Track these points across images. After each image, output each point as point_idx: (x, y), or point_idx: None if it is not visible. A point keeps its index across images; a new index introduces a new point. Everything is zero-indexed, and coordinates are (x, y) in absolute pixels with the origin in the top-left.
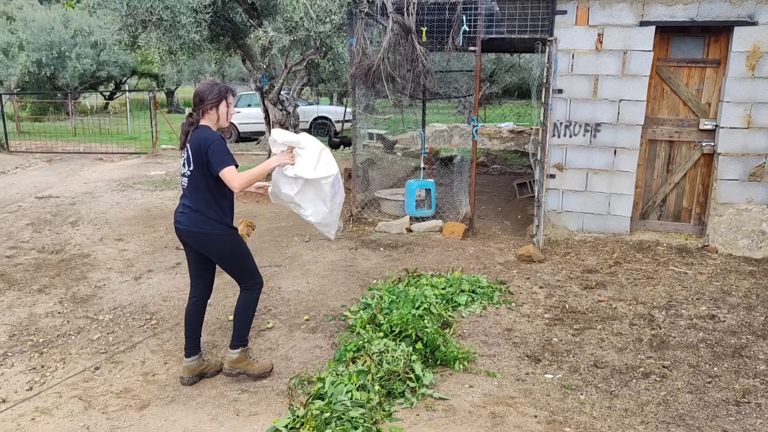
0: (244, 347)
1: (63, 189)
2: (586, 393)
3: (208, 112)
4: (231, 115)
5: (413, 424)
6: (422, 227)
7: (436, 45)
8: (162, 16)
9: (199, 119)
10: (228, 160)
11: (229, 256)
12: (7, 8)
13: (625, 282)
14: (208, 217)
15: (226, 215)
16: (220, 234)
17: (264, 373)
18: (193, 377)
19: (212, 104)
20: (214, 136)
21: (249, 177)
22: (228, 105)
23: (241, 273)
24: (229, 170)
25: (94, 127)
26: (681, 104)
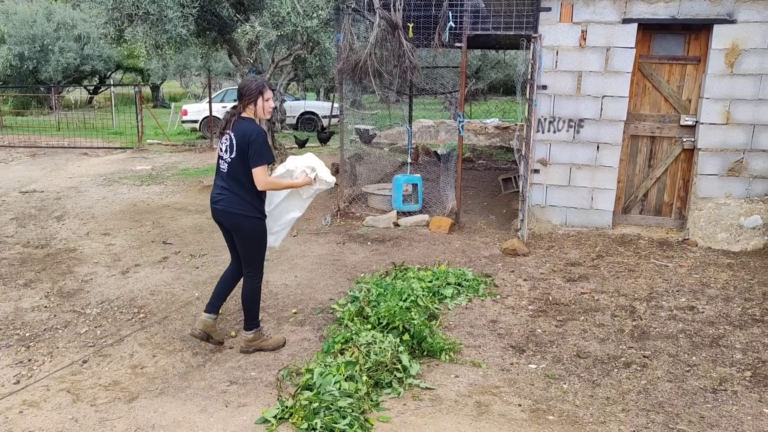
0: (257, 328)
1: (48, 183)
2: (569, 382)
3: (248, 106)
4: (269, 108)
5: (400, 413)
6: (409, 222)
7: (422, 41)
8: (149, 10)
9: (242, 111)
10: (264, 159)
11: (254, 240)
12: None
13: (608, 275)
14: (245, 200)
15: (261, 202)
16: (253, 217)
17: (278, 347)
18: (203, 332)
19: (251, 99)
20: (259, 131)
21: (275, 184)
22: (265, 99)
23: (254, 259)
24: (261, 169)
25: (78, 121)
26: (662, 100)
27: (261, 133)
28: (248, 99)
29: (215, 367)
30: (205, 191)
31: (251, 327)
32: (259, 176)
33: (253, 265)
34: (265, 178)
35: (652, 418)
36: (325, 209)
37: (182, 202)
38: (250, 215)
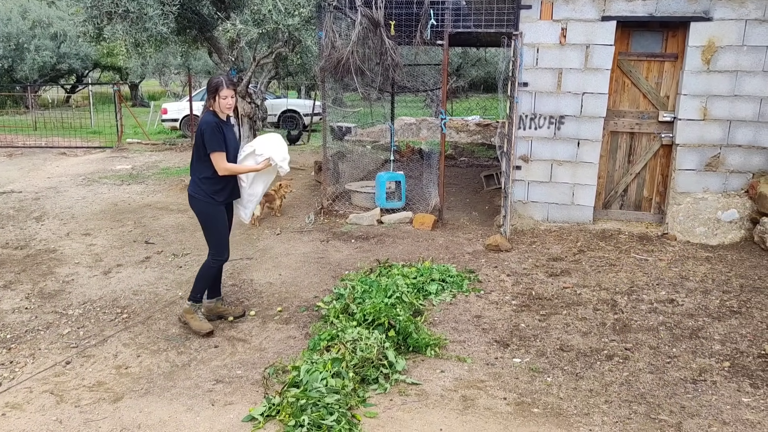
0: (194, 302)
1: (26, 184)
2: (553, 375)
3: (210, 101)
4: (226, 106)
5: (387, 409)
6: (393, 219)
7: (404, 39)
8: (128, 7)
9: (210, 106)
10: (214, 146)
11: (204, 221)
12: None
13: (589, 269)
14: (197, 184)
15: (212, 185)
16: (201, 199)
17: (199, 332)
18: (213, 315)
19: (210, 95)
20: (206, 121)
21: (233, 169)
22: (221, 97)
23: (210, 240)
24: (214, 156)
25: (55, 121)
26: (641, 97)
27: (209, 123)
28: (209, 94)
29: (201, 366)
30: (186, 190)
31: (191, 299)
32: (217, 162)
33: (211, 245)
34: (224, 165)
35: (635, 408)
36: (308, 207)
37: (164, 201)
38: (198, 197)
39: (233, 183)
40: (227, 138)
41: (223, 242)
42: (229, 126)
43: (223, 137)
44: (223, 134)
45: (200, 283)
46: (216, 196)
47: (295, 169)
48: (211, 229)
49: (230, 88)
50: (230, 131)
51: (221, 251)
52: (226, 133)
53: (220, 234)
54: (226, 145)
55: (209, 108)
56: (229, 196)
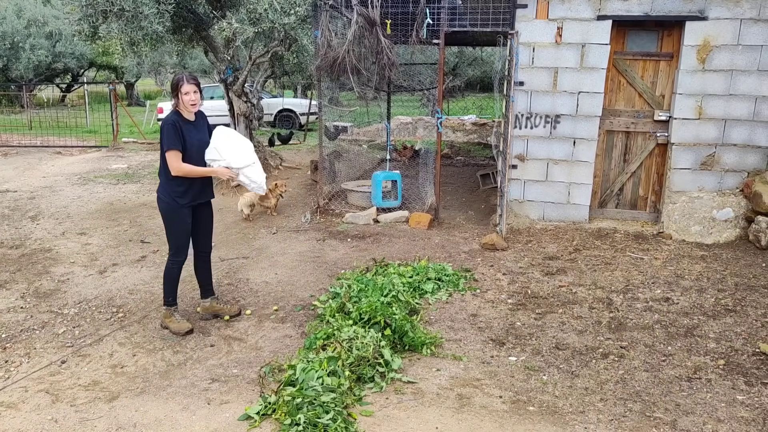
0: (168, 306)
1: (21, 183)
2: (549, 374)
3: (174, 100)
4: (189, 101)
5: (383, 407)
6: (389, 218)
7: (400, 38)
8: (123, 6)
9: (176, 106)
10: (169, 143)
11: (166, 222)
12: None
13: (585, 268)
14: (163, 184)
15: (177, 185)
16: (164, 200)
17: (179, 333)
18: (208, 314)
19: (173, 94)
20: (168, 119)
21: (186, 170)
22: (183, 93)
23: (170, 240)
24: (169, 154)
25: (51, 120)
26: (637, 96)
27: (167, 121)
28: (172, 93)
29: (197, 365)
30: None
31: (165, 304)
32: (170, 161)
33: (169, 246)
34: (177, 164)
35: (630, 406)
36: (304, 206)
37: None
38: (162, 198)
39: (199, 184)
40: (187, 138)
41: (182, 244)
42: (192, 125)
43: (182, 136)
44: (182, 133)
45: (167, 286)
46: (179, 198)
47: (291, 168)
48: (172, 231)
49: (191, 83)
50: (194, 131)
51: (180, 253)
52: (186, 132)
53: (181, 236)
54: (185, 144)
55: (175, 107)
56: (194, 199)
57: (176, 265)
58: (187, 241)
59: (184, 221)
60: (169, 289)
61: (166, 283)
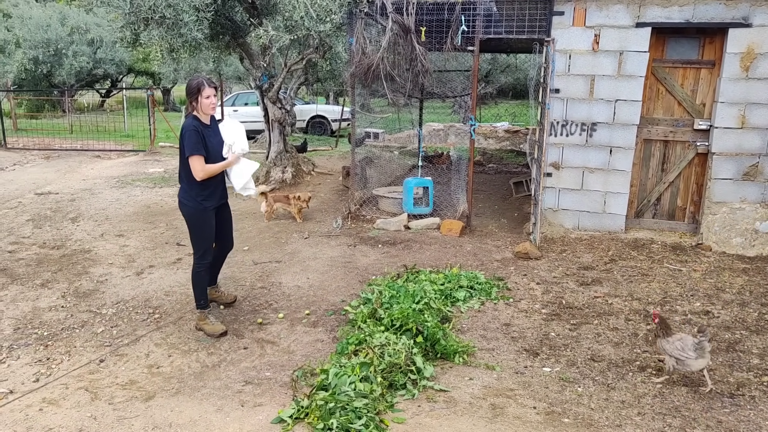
0: (201, 309)
1: (62, 186)
2: (584, 385)
3: (192, 104)
4: (210, 105)
5: (415, 415)
6: (420, 224)
7: (435, 45)
8: (164, 14)
9: (192, 111)
10: (192, 149)
11: (191, 227)
12: (3, 5)
13: (621, 279)
14: (185, 189)
15: (201, 190)
16: (188, 205)
17: (213, 335)
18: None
19: (192, 97)
20: (186, 125)
21: (209, 170)
22: (204, 96)
23: (194, 244)
24: (192, 159)
25: (91, 124)
26: (676, 104)
27: (188, 127)
28: (190, 97)
29: (230, 367)
30: None
31: (198, 307)
32: (194, 166)
33: (193, 249)
34: (202, 168)
35: (669, 422)
36: (336, 212)
37: None
38: (187, 203)
39: (221, 186)
40: (208, 142)
41: (207, 247)
42: (210, 129)
43: (203, 141)
44: (203, 138)
45: (197, 290)
46: (205, 202)
47: (323, 174)
48: (197, 235)
49: (212, 87)
50: (212, 134)
51: (205, 256)
52: (207, 137)
53: (207, 239)
54: (207, 149)
55: (191, 112)
56: (218, 201)
57: (202, 268)
58: (211, 244)
59: (210, 224)
60: (199, 292)
61: (196, 287)
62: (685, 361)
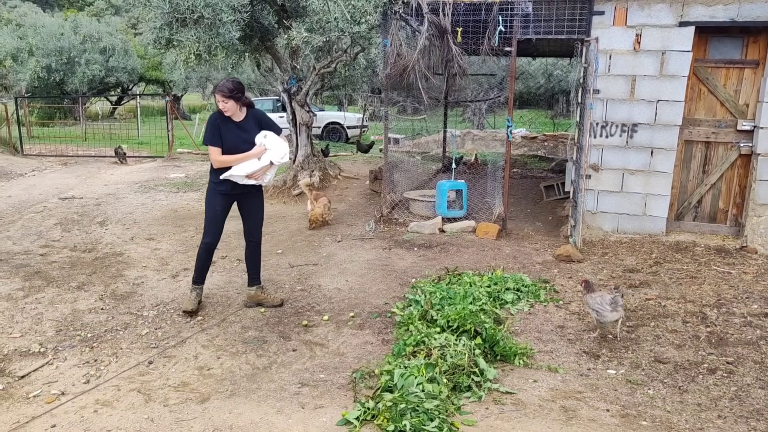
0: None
1: (85, 190)
2: (654, 388)
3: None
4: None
5: (484, 417)
6: (455, 227)
7: (471, 46)
8: (203, 13)
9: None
10: (208, 140)
11: (205, 205)
12: (12, 15)
13: (669, 281)
14: (209, 175)
15: (216, 176)
16: (207, 185)
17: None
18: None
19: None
20: (211, 117)
21: (225, 160)
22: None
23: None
24: (211, 149)
25: (104, 132)
26: (718, 105)
27: (210, 119)
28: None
29: (282, 369)
30: None
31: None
32: (211, 155)
33: (204, 227)
34: (217, 157)
35: (753, 425)
36: (365, 215)
37: None
38: (208, 183)
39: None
40: (225, 134)
41: (209, 227)
42: (236, 125)
43: (220, 133)
44: (220, 130)
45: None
46: (217, 186)
47: (350, 178)
48: (206, 213)
49: (218, 93)
50: (236, 130)
51: (207, 234)
52: (228, 130)
53: (211, 219)
54: (223, 141)
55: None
56: (232, 188)
57: (203, 246)
58: (216, 227)
59: (218, 208)
60: (197, 266)
61: (196, 261)
62: (602, 313)
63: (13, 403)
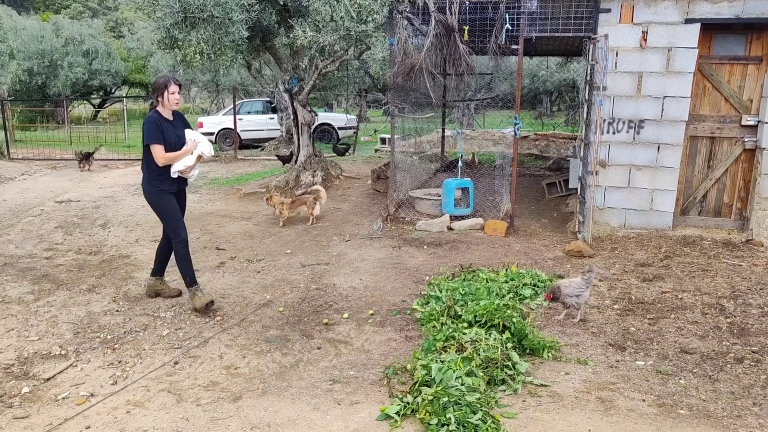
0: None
1: (81, 193)
2: (685, 378)
3: (158, 99)
4: (174, 100)
5: (523, 410)
6: (463, 225)
7: (477, 44)
8: (213, 12)
9: (156, 106)
10: (153, 139)
11: (156, 210)
12: None
13: (681, 274)
14: (145, 176)
15: (158, 176)
16: (149, 191)
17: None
18: (152, 292)
19: (158, 94)
20: (149, 118)
21: (169, 156)
22: (170, 92)
23: (165, 224)
24: (154, 147)
25: (90, 135)
26: (723, 101)
27: (149, 119)
28: (156, 93)
29: (309, 367)
30: (245, 199)
31: (187, 285)
32: (155, 153)
33: (168, 229)
34: (162, 155)
35: None
36: (370, 214)
37: (225, 209)
38: (148, 189)
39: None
40: (167, 133)
41: (177, 224)
42: (170, 123)
43: (162, 132)
44: (162, 129)
45: (183, 265)
46: (161, 185)
47: (351, 178)
48: (165, 216)
49: (177, 84)
50: (171, 128)
51: (178, 232)
52: (166, 129)
53: (173, 218)
54: (165, 139)
55: (155, 107)
56: (175, 185)
57: (182, 244)
58: (179, 221)
59: (171, 204)
60: (185, 267)
61: (182, 263)
62: (580, 295)
63: (42, 406)
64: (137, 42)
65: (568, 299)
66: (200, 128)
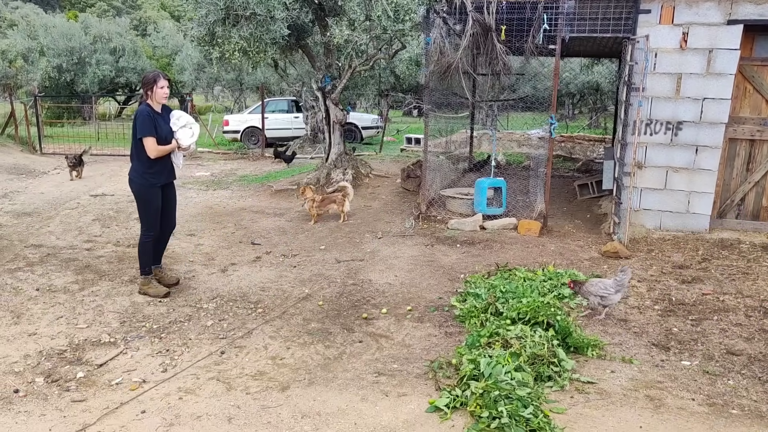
0: (145, 275)
1: (114, 188)
2: (734, 378)
3: (147, 93)
4: (163, 94)
5: (572, 406)
6: (496, 225)
7: (514, 44)
8: (256, 10)
9: (145, 99)
10: (148, 132)
11: (139, 201)
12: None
13: (721, 277)
14: (135, 167)
15: (148, 168)
16: (137, 182)
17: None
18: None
19: (148, 88)
20: (140, 110)
21: (162, 150)
22: (159, 87)
23: (142, 217)
24: (147, 140)
25: (116, 131)
26: (764, 103)
27: (142, 112)
28: (146, 87)
29: (353, 360)
30: (277, 195)
31: (141, 274)
32: (148, 146)
33: (142, 222)
34: (155, 147)
35: None
36: (401, 213)
37: (258, 205)
38: (136, 180)
39: (168, 165)
40: (159, 126)
41: (153, 221)
42: (160, 116)
43: (155, 125)
44: (155, 122)
45: (142, 258)
46: (152, 178)
47: (380, 176)
48: (146, 209)
49: (166, 79)
50: (161, 121)
51: (151, 228)
52: (158, 122)
53: (153, 214)
54: (158, 132)
55: (145, 101)
56: (165, 179)
57: (149, 239)
58: (156, 218)
59: (155, 200)
60: (144, 261)
61: (142, 256)
62: (605, 297)
63: (98, 390)
64: (162, 40)
65: (590, 297)
66: (226, 126)
